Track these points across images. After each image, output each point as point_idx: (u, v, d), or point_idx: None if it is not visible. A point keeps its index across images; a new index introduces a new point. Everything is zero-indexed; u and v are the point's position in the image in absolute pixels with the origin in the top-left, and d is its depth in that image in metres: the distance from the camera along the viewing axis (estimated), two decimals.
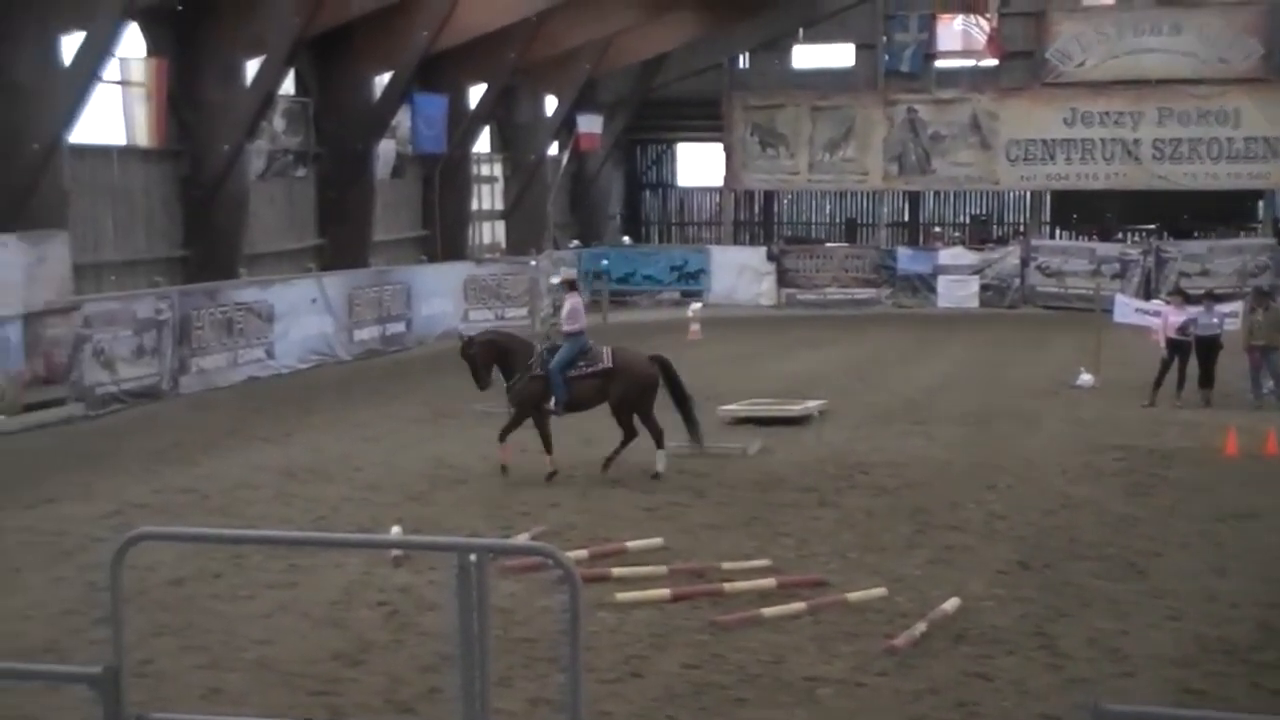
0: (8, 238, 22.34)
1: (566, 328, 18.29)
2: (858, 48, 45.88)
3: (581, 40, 38.90)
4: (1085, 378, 25.68)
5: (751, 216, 49.81)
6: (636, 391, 18.00)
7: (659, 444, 18.02)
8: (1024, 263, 41.92)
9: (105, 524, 15.40)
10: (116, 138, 26.48)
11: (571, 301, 18.51)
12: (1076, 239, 46.05)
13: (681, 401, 18.19)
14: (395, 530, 14.63)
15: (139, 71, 26.12)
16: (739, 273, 43.55)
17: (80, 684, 7.34)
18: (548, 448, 18.05)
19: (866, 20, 45.39)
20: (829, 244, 46.31)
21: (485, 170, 41.93)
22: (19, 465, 19.18)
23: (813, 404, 22.80)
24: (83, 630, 11.70)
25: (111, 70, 24.84)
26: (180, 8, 27.33)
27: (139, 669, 10.11)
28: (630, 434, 18.14)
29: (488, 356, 18.13)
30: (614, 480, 17.71)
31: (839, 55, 46.27)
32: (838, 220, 49.39)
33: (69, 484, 17.74)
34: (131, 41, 25.62)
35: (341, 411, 23.51)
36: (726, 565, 13.41)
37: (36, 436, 21.36)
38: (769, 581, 12.85)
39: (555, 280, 18.81)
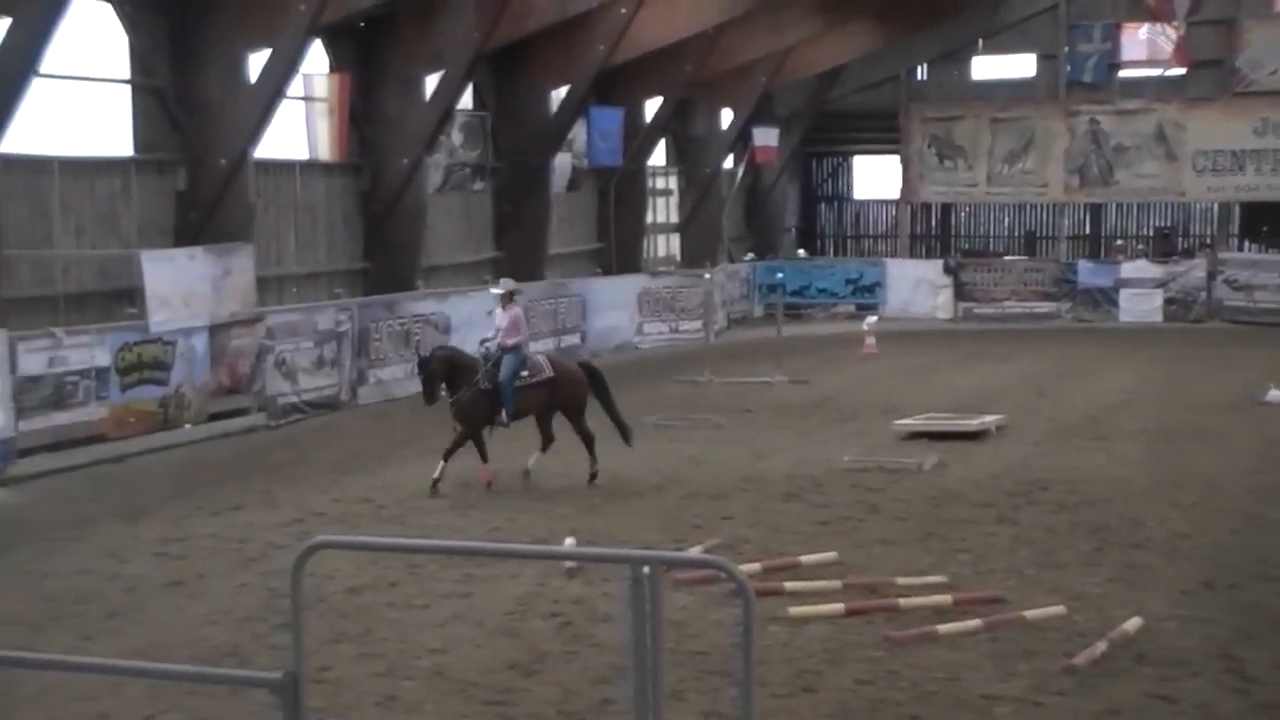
0: (195, 250, 22.86)
1: (510, 340, 18.48)
2: (1039, 58, 45.20)
3: (758, 53, 38.82)
4: (1275, 394, 24.97)
5: (928, 229, 49.32)
6: (580, 397, 18.65)
7: (592, 448, 18.49)
8: (1211, 276, 40.88)
9: (286, 532, 15.67)
10: (299, 152, 26.99)
11: (513, 313, 18.78)
12: (1266, 252, 44.84)
13: (610, 407, 18.79)
14: (569, 542, 14.66)
15: (322, 87, 26.60)
16: (915, 286, 43.11)
17: (261, 689, 7.44)
18: (484, 457, 18.41)
19: (1048, 30, 44.70)
20: (1007, 257, 45.62)
21: (660, 183, 42.02)
22: (204, 473, 19.60)
23: (990, 419, 22.46)
24: (264, 636, 11.90)
25: (295, 86, 25.31)
26: (362, 24, 27.79)
27: (317, 675, 10.24)
28: (551, 440, 18.77)
29: (443, 372, 18.36)
30: (787, 494, 17.61)
31: (1019, 66, 45.62)
32: (1016, 233, 48.69)
33: (252, 492, 18.08)
34: (315, 58, 26.09)
35: (518, 424, 23.60)
36: (901, 581, 13.25)
37: (220, 445, 21.81)
38: (945, 598, 12.67)
39: (496, 291, 19.24)
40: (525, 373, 18.44)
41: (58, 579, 14.07)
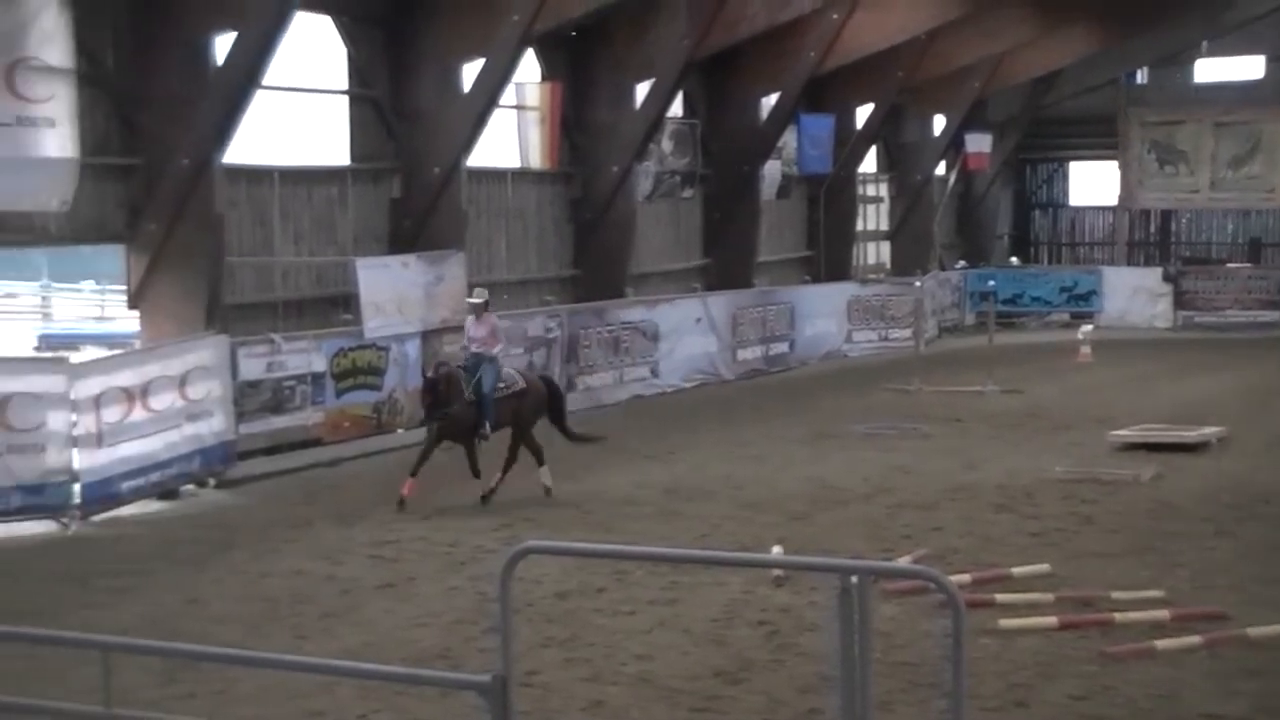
0: (409, 257, 23.24)
1: (496, 350, 18.50)
2: (1268, 60, 43.90)
3: (972, 58, 38.28)
4: None
5: (1147, 236, 48.16)
6: (542, 411, 18.78)
7: (542, 460, 18.38)
8: None
9: (495, 536, 15.84)
10: (511, 161, 27.28)
11: (492, 323, 18.66)
12: None
13: (564, 423, 19.07)
14: (776, 550, 14.58)
15: (534, 96, 26.88)
16: (1132, 294, 42.16)
17: (470, 691, 7.50)
18: (476, 472, 18.22)
19: (1277, 31, 43.39)
20: (1230, 264, 44.41)
21: (871, 190, 41.70)
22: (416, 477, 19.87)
23: (1210, 430, 21.84)
24: (473, 639, 12.02)
25: (508, 95, 25.59)
26: (574, 33, 28.01)
27: (525, 679, 10.30)
28: (517, 456, 18.47)
29: (447, 390, 18.01)
30: (998, 505, 17.33)
31: (1246, 68, 44.37)
32: (1240, 240, 47.31)
33: (461, 496, 18.29)
34: (527, 67, 26.36)
35: (723, 430, 23.64)
36: (1116, 595, 12.94)
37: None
38: (1162, 613, 12.34)
39: (474, 300, 18.84)
40: (501, 384, 18.34)
41: (275, 579, 14.39)
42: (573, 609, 12.97)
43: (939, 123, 42.07)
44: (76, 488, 17.32)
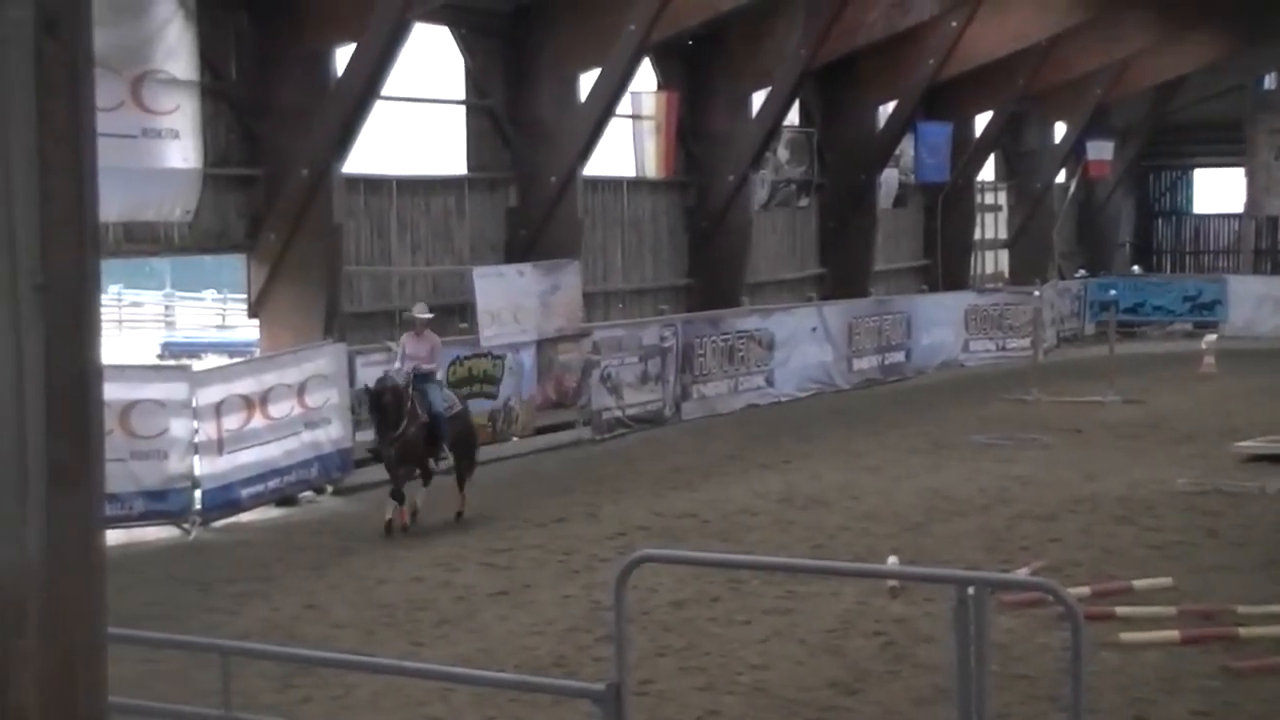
0: (525, 266, 23.35)
1: (433, 368, 17.77)
2: None
3: (1094, 64, 37.82)
4: None
5: (1274, 244, 47.34)
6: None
7: (427, 482, 17.77)
8: None
9: (610, 545, 15.86)
10: (627, 169, 27.35)
11: (433, 341, 18.00)
12: None
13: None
14: (892, 560, 14.48)
15: (650, 105, 26.93)
16: (1259, 303, 41.39)
17: (585, 699, 7.51)
18: (400, 497, 17.14)
19: None
20: None
21: (989, 199, 41.36)
22: (531, 485, 19.98)
23: None
24: (587, 647, 12.03)
25: (624, 104, 25.66)
26: (690, 42, 28.03)
27: (640, 688, 10.29)
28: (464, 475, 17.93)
29: (395, 406, 16.95)
30: (1119, 517, 17.09)
31: None
32: None
33: (576, 505, 18.34)
34: (643, 76, 26.41)
35: (839, 440, 23.52)
36: (1241, 609, 12.70)
37: (546, 458, 22.20)
38: None
39: (419, 315, 18.00)
40: (446, 404, 17.72)
41: (391, 586, 14.50)
42: (688, 618, 12.95)
43: (1059, 130, 41.64)
44: (198, 494, 17.58)
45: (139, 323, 46.99)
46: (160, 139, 18.46)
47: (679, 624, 12.74)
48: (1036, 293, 36.27)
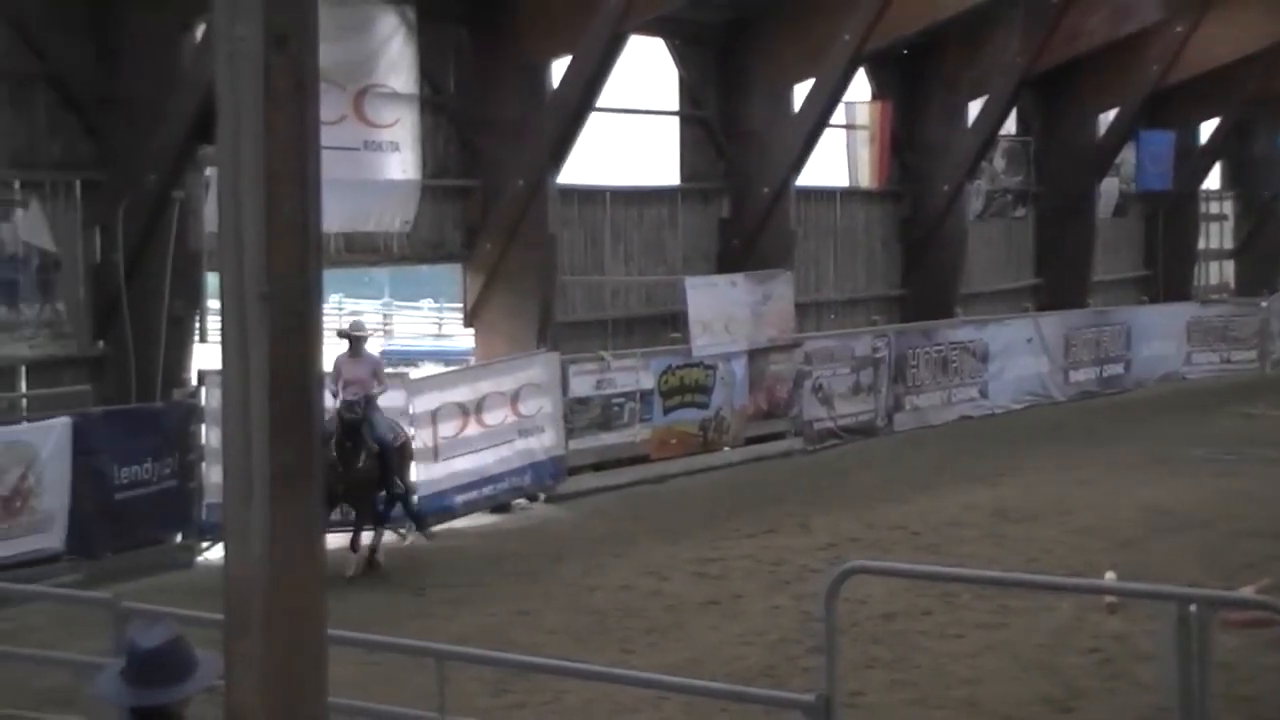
0: (737, 276, 23.37)
1: (378, 392, 15.96)
2: None
3: None
4: None
5: None
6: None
7: (378, 525, 16.20)
8: None
9: (820, 556, 15.79)
10: (840, 179, 27.22)
11: (374, 361, 16.59)
12: None
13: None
14: (1109, 576, 14.18)
15: (864, 115, 26.78)
16: None
17: (794, 710, 7.49)
18: (357, 544, 15.63)
19: None
20: None
21: (1214, 208, 40.34)
22: (741, 495, 19.98)
23: None
24: (797, 658, 12.01)
25: (838, 115, 25.55)
26: (905, 52, 27.81)
27: (849, 700, 10.23)
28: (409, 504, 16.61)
29: (361, 438, 15.42)
30: None
31: None
32: None
33: (787, 515, 18.30)
34: (857, 86, 26.27)
35: (1054, 453, 23.11)
36: None
37: (757, 468, 22.18)
38: None
39: (355, 334, 16.23)
40: (391, 433, 16.02)
41: (602, 593, 14.62)
42: (899, 630, 12.84)
43: None
44: (414, 500, 17.87)
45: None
46: (381, 151, 18.89)
47: (889, 636, 12.64)
48: (1264, 304, 35.33)
